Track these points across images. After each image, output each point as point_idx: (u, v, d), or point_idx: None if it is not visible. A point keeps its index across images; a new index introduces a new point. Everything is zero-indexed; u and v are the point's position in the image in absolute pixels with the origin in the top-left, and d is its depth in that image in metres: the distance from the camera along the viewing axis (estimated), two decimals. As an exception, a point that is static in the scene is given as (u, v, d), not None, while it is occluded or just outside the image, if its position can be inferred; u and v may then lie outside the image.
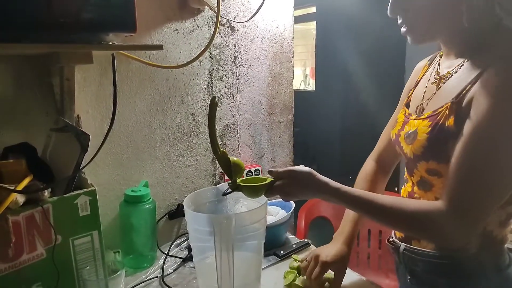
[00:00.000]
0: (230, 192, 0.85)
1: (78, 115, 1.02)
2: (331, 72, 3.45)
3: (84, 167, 0.89)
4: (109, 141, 1.09)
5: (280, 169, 0.83)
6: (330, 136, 3.42)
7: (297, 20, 3.82)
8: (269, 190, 0.82)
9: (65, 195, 0.84)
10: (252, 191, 0.83)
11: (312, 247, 1.22)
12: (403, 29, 0.77)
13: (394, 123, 0.96)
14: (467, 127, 0.68)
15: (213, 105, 0.80)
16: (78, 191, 0.85)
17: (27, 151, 0.89)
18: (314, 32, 3.69)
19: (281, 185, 0.81)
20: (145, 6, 1.10)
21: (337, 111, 3.38)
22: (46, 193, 0.81)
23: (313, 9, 3.63)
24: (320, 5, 3.45)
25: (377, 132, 1.13)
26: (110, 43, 0.74)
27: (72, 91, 0.92)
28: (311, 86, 4.51)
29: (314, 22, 3.66)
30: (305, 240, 1.24)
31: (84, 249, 0.88)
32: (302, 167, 0.82)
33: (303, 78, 4.72)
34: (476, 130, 0.66)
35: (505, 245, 0.79)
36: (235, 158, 0.85)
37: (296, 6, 1.48)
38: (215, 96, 0.83)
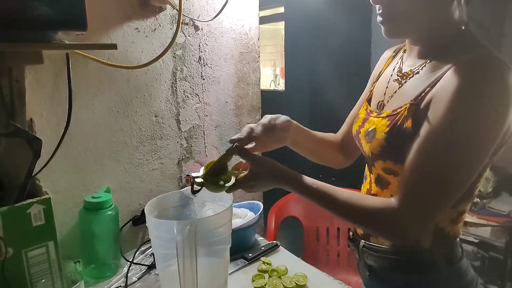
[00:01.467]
0: (198, 191, 0.80)
1: (31, 119, 0.96)
2: (300, 71, 3.47)
3: (36, 173, 0.84)
4: (66, 145, 1.04)
5: (248, 152, 0.81)
6: (300, 135, 3.43)
7: (266, 20, 3.83)
8: (232, 186, 0.79)
9: (16, 205, 0.79)
10: (215, 188, 0.80)
11: (281, 248, 1.21)
12: (380, 18, 0.76)
13: (360, 105, 0.97)
14: (423, 127, 0.68)
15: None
16: (31, 200, 0.80)
17: (-27, 158, 0.83)
18: (283, 32, 3.71)
19: (243, 179, 0.79)
20: (102, 4, 1.06)
21: (307, 110, 3.41)
22: (-6, 203, 0.76)
23: (281, 9, 3.64)
24: (288, 5, 3.46)
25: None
26: (60, 41, 0.69)
27: (22, 93, 0.86)
28: (281, 86, 4.53)
29: (283, 22, 3.68)
30: (274, 242, 1.23)
31: (38, 261, 0.83)
32: (265, 157, 0.81)
33: (273, 78, 4.73)
34: (431, 131, 0.67)
35: (458, 239, 0.81)
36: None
37: (264, 6, 1.47)
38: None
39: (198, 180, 0.79)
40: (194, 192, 0.81)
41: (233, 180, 0.79)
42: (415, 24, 0.74)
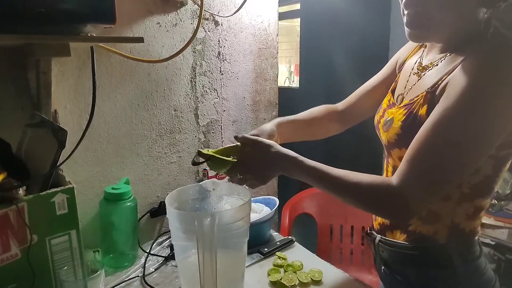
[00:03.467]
0: (201, 162, 0.85)
1: (55, 110, 0.98)
2: (315, 69, 3.46)
3: (61, 164, 0.86)
4: (88, 137, 1.06)
5: (247, 136, 0.85)
6: (314, 133, 3.42)
7: (282, 16, 3.81)
8: (231, 169, 0.83)
9: (41, 193, 0.80)
10: (216, 164, 0.84)
11: (296, 244, 1.22)
12: (408, 23, 0.74)
13: (374, 83, 1.02)
14: (435, 109, 0.69)
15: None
16: (55, 189, 0.82)
17: (1, 147, 0.85)
18: (299, 29, 3.69)
19: (241, 161, 0.82)
20: (126, -1, 1.07)
21: (321, 108, 3.38)
22: (21, 191, 0.78)
23: (297, 6, 3.62)
24: (305, 2, 3.45)
25: (360, 129, 1.14)
26: (88, 34, 0.71)
27: (48, 85, 0.88)
28: (295, 83, 4.51)
29: (299, 19, 3.66)
30: (289, 237, 1.23)
31: (61, 249, 0.85)
32: (265, 140, 0.84)
33: (288, 75, 4.72)
34: (439, 114, 0.67)
35: (476, 237, 0.80)
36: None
37: (281, 3, 1.47)
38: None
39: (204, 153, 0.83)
40: (195, 163, 0.85)
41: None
42: (443, 30, 0.74)
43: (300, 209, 1.86)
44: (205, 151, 0.84)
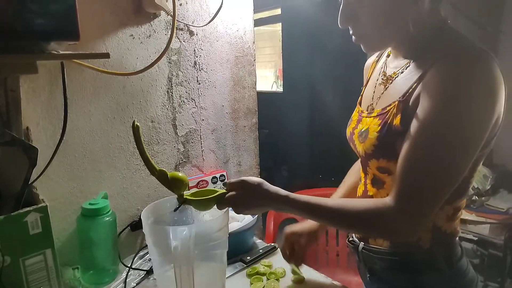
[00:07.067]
0: (179, 207, 0.83)
1: (27, 127, 0.97)
2: (298, 73, 3.48)
3: (33, 182, 0.85)
4: (63, 153, 1.05)
5: (233, 180, 0.83)
6: (299, 136, 3.45)
7: (264, 22, 3.84)
8: (220, 202, 0.81)
9: (12, 213, 0.79)
10: (201, 204, 0.82)
11: (279, 251, 1.21)
12: (354, 38, 0.78)
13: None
14: (413, 124, 0.69)
15: (134, 129, 0.79)
16: (28, 208, 0.81)
17: (-30, 167, 0.84)
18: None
19: (232, 196, 0.80)
20: (97, 12, 1.06)
21: (305, 111, 3.42)
22: (-9, 212, 0.77)
23: (278, 11, 3.65)
24: (285, 6, 3.47)
25: (343, 132, 1.14)
26: (53, 52, 0.70)
27: (18, 102, 0.87)
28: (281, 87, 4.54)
29: (280, 24, 3.68)
30: (272, 244, 1.23)
31: (36, 269, 0.83)
32: (253, 178, 0.82)
33: (275, 79, 4.72)
34: (421, 127, 0.67)
35: (457, 238, 0.81)
36: (178, 173, 0.84)
37: (261, 8, 1.48)
38: (134, 120, 0.81)
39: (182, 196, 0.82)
40: (175, 209, 0.84)
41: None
42: (387, 36, 0.76)
43: (285, 214, 1.86)
44: (186, 194, 0.83)
